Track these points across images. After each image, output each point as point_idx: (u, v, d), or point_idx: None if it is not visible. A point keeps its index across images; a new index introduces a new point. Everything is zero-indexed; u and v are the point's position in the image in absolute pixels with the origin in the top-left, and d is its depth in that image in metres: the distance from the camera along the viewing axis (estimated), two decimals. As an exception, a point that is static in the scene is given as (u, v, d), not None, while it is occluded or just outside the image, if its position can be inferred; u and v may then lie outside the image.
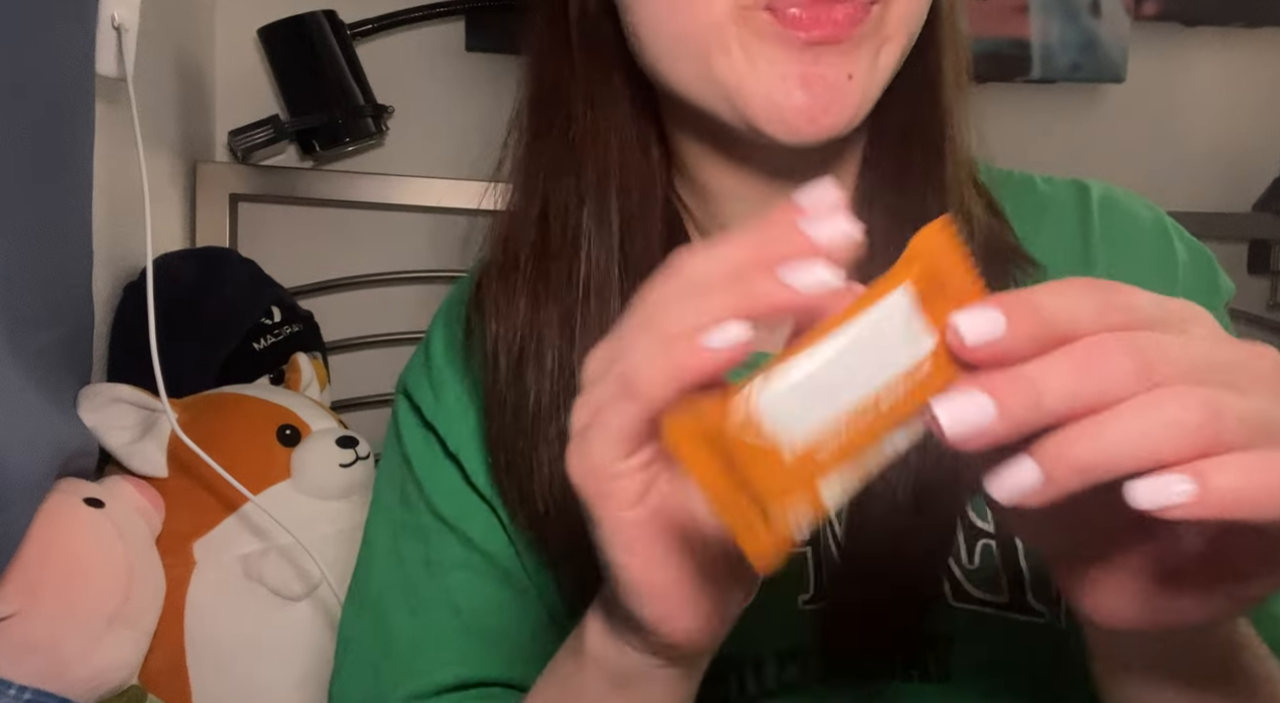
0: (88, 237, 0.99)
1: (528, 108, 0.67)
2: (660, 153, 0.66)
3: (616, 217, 0.64)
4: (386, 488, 0.71)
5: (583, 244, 0.64)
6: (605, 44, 0.63)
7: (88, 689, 0.89)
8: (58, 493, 0.90)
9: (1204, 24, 1.55)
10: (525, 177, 0.67)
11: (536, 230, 0.65)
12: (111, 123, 1.06)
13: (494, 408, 0.65)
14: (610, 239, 0.64)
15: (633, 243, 0.64)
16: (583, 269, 0.63)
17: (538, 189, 0.66)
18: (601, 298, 0.63)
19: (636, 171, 0.65)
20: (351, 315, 1.44)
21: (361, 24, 1.40)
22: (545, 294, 0.64)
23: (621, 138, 0.64)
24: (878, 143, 0.65)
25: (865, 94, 0.57)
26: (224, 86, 1.44)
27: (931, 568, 0.60)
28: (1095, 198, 0.68)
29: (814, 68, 0.55)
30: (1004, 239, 0.65)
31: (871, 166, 0.65)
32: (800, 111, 0.55)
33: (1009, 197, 0.68)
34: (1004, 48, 1.47)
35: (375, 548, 0.70)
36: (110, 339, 1.14)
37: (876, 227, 0.63)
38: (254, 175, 1.39)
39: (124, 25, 1.00)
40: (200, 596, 1.01)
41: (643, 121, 0.65)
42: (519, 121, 0.67)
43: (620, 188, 0.64)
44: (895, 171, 0.64)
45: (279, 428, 1.08)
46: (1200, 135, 1.59)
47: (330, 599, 1.03)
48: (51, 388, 0.92)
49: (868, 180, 0.65)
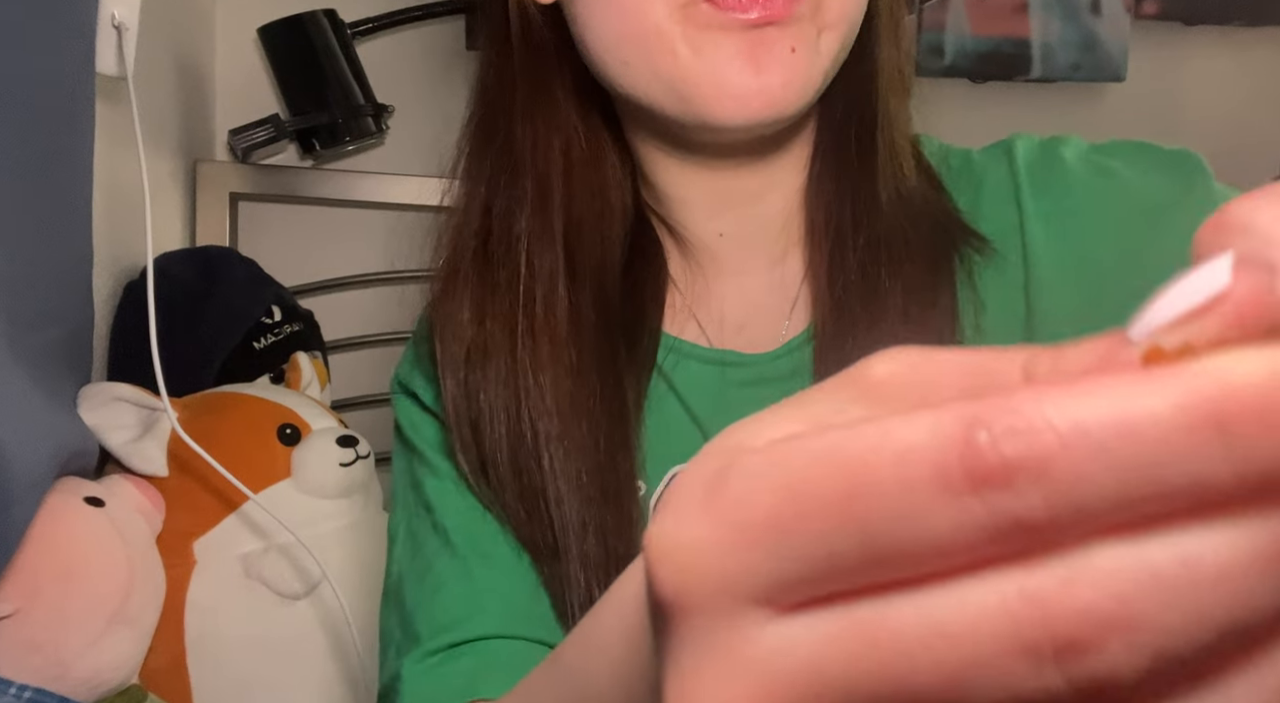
0: (88, 236, 0.99)
1: (473, 117, 0.68)
2: (620, 160, 0.68)
3: (560, 222, 0.65)
4: (399, 482, 0.71)
5: (520, 250, 0.65)
6: (547, 54, 0.65)
7: (88, 689, 0.89)
8: (58, 492, 0.91)
9: (1204, 23, 1.55)
10: (468, 185, 0.68)
11: (477, 239, 0.67)
12: (111, 122, 1.06)
13: (450, 418, 0.65)
14: (554, 249, 0.65)
15: (581, 248, 0.65)
16: (523, 274, 0.64)
17: (479, 197, 0.67)
18: (547, 306, 0.64)
19: (585, 178, 0.66)
20: (351, 315, 1.44)
21: (361, 23, 1.40)
22: (489, 303, 0.65)
23: (567, 145, 0.66)
24: (823, 137, 0.67)
25: (810, 70, 0.58)
26: (224, 86, 1.44)
27: None
28: (1020, 153, 0.67)
29: (760, 46, 0.57)
30: (950, 219, 0.65)
31: (817, 160, 0.67)
32: (752, 91, 0.57)
33: (949, 174, 0.68)
34: (1004, 47, 1.47)
35: (395, 539, 0.70)
36: (110, 339, 1.14)
37: (820, 215, 0.65)
38: (254, 175, 1.39)
39: (124, 25, 1.00)
40: (200, 595, 1.01)
41: (595, 129, 0.67)
42: (464, 131, 0.69)
43: (565, 194, 0.65)
44: (836, 163, 0.65)
45: (279, 427, 1.08)
46: (1200, 135, 1.59)
47: (330, 599, 1.03)
48: (51, 388, 0.92)
49: (814, 173, 0.66)
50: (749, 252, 0.68)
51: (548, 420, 0.63)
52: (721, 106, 0.57)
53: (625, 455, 0.64)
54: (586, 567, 0.62)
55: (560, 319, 0.64)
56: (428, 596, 0.65)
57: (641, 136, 0.66)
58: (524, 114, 0.65)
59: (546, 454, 0.63)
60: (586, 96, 0.65)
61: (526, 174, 0.65)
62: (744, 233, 0.67)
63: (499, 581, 0.65)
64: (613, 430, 0.64)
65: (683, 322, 0.68)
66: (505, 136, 0.66)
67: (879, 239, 0.63)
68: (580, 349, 0.64)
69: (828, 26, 0.59)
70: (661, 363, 0.67)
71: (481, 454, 0.64)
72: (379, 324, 1.43)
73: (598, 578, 0.62)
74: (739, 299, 0.68)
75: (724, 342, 0.67)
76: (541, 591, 0.65)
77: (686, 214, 0.67)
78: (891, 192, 0.64)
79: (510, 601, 0.64)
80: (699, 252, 0.68)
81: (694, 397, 0.66)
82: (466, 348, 0.65)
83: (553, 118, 0.65)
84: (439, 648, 0.63)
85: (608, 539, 0.62)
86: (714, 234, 0.67)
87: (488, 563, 0.65)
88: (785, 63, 0.57)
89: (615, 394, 0.64)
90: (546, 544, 0.63)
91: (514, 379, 0.64)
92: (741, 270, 0.68)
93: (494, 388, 0.64)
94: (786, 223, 0.67)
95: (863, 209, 0.64)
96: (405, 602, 0.66)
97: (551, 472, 0.63)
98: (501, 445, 0.64)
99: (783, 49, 0.57)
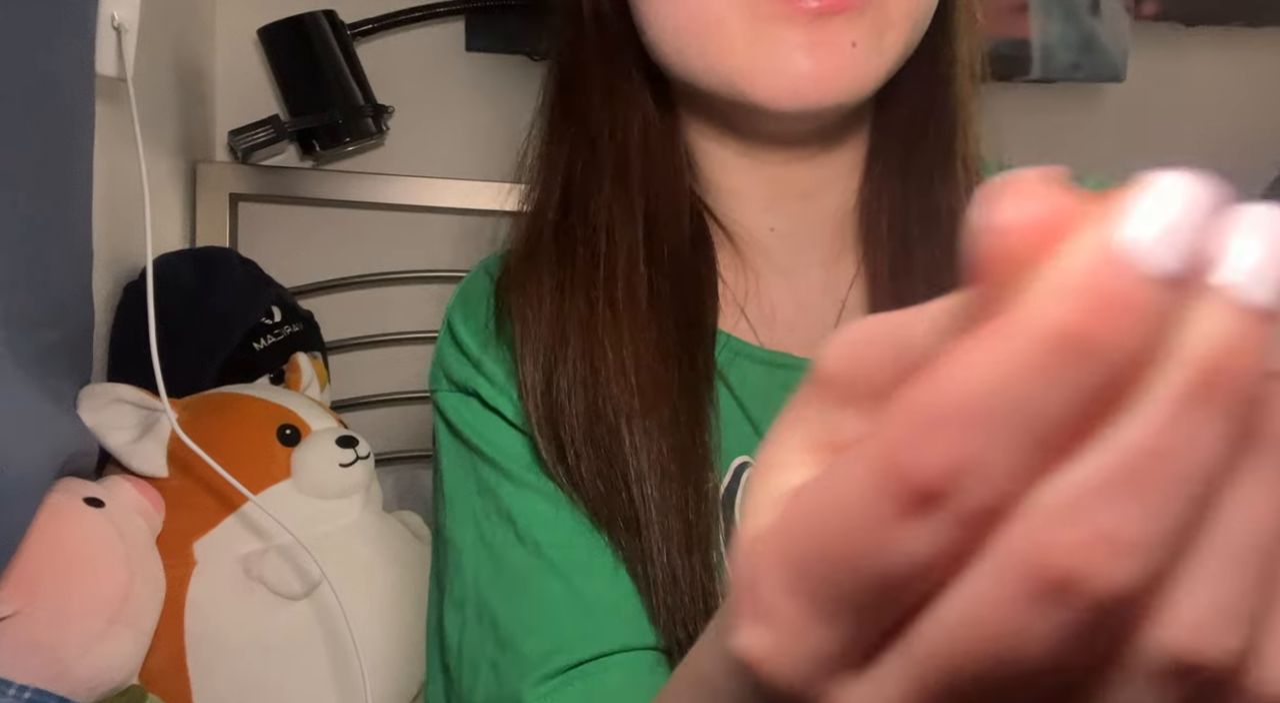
0: (88, 237, 0.99)
1: (549, 105, 0.68)
2: (683, 150, 0.67)
3: (641, 207, 0.65)
4: (458, 486, 0.69)
5: (601, 231, 0.64)
6: (620, 39, 0.64)
7: (87, 689, 0.89)
8: (58, 493, 0.91)
9: (1204, 24, 1.55)
10: (547, 171, 0.68)
11: (558, 215, 0.66)
12: (111, 123, 1.06)
13: (525, 389, 0.65)
14: (635, 229, 0.64)
15: (659, 234, 0.65)
16: (604, 253, 0.64)
17: (558, 181, 0.67)
18: (628, 283, 0.64)
19: (661, 164, 0.66)
20: (351, 315, 1.44)
21: (361, 24, 1.40)
22: (570, 280, 0.65)
23: (645, 124, 0.66)
24: (886, 134, 0.65)
25: (870, 65, 0.58)
26: (224, 86, 1.44)
27: None
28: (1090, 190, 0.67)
29: (820, 35, 0.56)
30: None
31: (877, 158, 0.66)
32: (805, 77, 0.57)
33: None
34: (1004, 48, 1.47)
35: (463, 547, 0.67)
36: (110, 339, 1.14)
37: (883, 219, 0.63)
38: (254, 175, 1.39)
39: (124, 25, 1.00)
40: (200, 595, 1.01)
41: (665, 115, 0.67)
42: (540, 118, 0.68)
43: (644, 174, 0.65)
44: (903, 164, 0.65)
45: (279, 428, 1.08)
46: (1200, 135, 1.59)
47: (330, 599, 1.03)
48: (51, 388, 0.92)
49: (875, 172, 0.65)
50: (801, 249, 0.67)
51: (629, 397, 0.62)
52: (773, 92, 0.57)
53: (703, 433, 0.63)
54: (669, 542, 0.61)
55: (641, 297, 0.64)
56: (528, 613, 0.64)
57: (697, 125, 0.66)
58: (602, 93, 0.65)
59: (627, 430, 0.62)
60: (657, 81, 0.65)
61: (606, 151, 0.65)
62: (796, 229, 0.67)
63: (604, 593, 0.63)
64: (693, 409, 0.63)
65: (734, 317, 0.67)
66: (584, 116, 0.66)
67: (947, 248, 0.63)
68: (661, 327, 0.64)
69: (892, 25, 0.58)
70: (718, 358, 0.66)
71: (558, 431, 0.63)
72: (379, 325, 1.43)
73: (680, 552, 0.61)
74: (789, 298, 0.67)
75: (774, 341, 0.67)
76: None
77: (738, 206, 0.67)
78: (963, 199, 0.63)
79: (620, 612, 0.63)
80: (748, 246, 0.67)
81: (747, 394, 0.66)
82: (547, 321, 0.64)
83: (630, 98, 0.65)
84: (557, 670, 0.62)
85: (688, 515, 0.62)
86: (765, 228, 0.67)
87: (589, 576, 0.64)
88: (844, 54, 0.57)
89: (693, 373, 0.64)
90: (626, 520, 0.62)
91: (593, 355, 0.63)
92: (792, 269, 0.67)
93: (574, 364, 0.63)
94: (842, 223, 0.67)
95: (933, 214, 0.63)
96: (498, 619, 0.64)
97: (633, 448, 0.62)
98: (580, 421, 0.63)
99: (844, 42, 0.57)
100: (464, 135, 1.42)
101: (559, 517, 0.65)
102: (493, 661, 0.64)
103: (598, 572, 0.64)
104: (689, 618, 0.61)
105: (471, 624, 0.66)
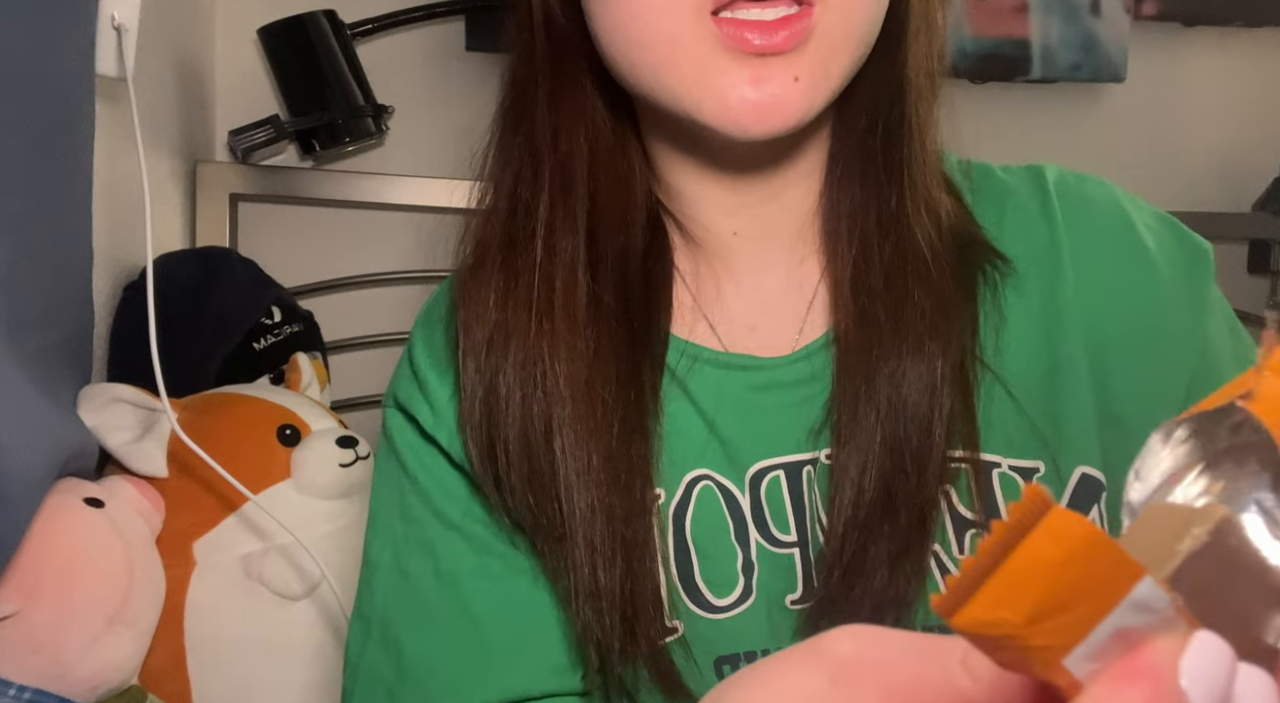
0: (88, 237, 0.99)
1: (501, 110, 0.69)
2: (640, 156, 0.67)
3: (584, 210, 0.65)
4: (385, 505, 0.70)
5: (540, 237, 0.65)
6: (570, 47, 0.65)
7: (87, 689, 0.89)
8: (58, 493, 0.91)
9: (1204, 24, 1.55)
10: (496, 174, 0.68)
11: (503, 226, 0.67)
12: (111, 123, 1.06)
13: (464, 391, 0.65)
14: (575, 238, 0.65)
15: (603, 236, 0.65)
16: (542, 260, 0.64)
17: (506, 185, 0.67)
18: (566, 293, 0.64)
19: (609, 167, 0.66)
20: (351, 315, 1.44)
21: (361, 24, 1.40)
22: (511, 288, 0.65)
23: (592, 134, 0.66)
24: (843, 140, 0.66)
25: (813, 96, 0.58)
26: (224, 86, 1.44)
27: (905, 561, 0.60)
28: (1051, 182, 0.68)
29: (763, 71, 0.57)
30: (973, 234, 0.65)
31: (837, 161, 0.66)
32: (748, 111, 0.58)
33: (971, 188, 0.68)
34: (1004, 48, 1.47)
35: (378, 566, 0.69)
36: (110, 339, 1.14)
37: (843, 222, 0.64)
38: (254, 175, 1.39)
39: (124, 25, 1.00)
40: (200, 595, 1.01)
41: (620, 120, 0.67)
42: (494, 124, 0.69)
43: (590, 183, 0.65)
44: (860, 168, 0.65)
45: (279, 428, 1.08)
46: (1200, 135, 1.59)
47: (330, 599, 1.03)
48: (51, 388, 0.92)
49: (835, 175, 0.66)
50: (764, 252, 0.67)
51: (561, 405, 0.63)
52: (719, 121, 0.58)
53: (639, 442, 0.63)
54: (592, 552, 0.61)
55: (579, 305, 0.64)
56: (435, 650, 0.65)
57: (656, 133, 0.66)
58: (548, 103, 0.65)
59: (558, 438, 0.62)
60: (612, 89, 0.65)
61: (548, 162, 0.65)
62: (760, 233, 0.67)
63: (518, 641, 0.64)
64: (627, 417, 0.63)
65: (692, 322, 0.68)
66: (529, 125, 0.66)
67: (905, 247, 0.63)
68: (598, 335, 0.64)
69: (836, 51, 0.59)
70: (674, 366, 0.66)
71: (492, 435, 0.64)
72: (379, 325, 1.43)
73: (602, 564, 0.61)
74: (752, 300, 0.68)
75: (735, 344, 0.67)
76: (563, 638, 0.65)
77: (701, 211, 0.67)
78: (920, 200, 0.63)
79: (530, 660, 0.64)
80: (712, 250, 0.68)
81: (707, 401, 0.66)
82: (489, 331, 0.65)
83: (578, 107, 0.66)
84: None
85: (615, 525, 0.62)
86: (729, 233, 0.67)
87: (502, 623, 0.64)
88: (788, 88, 0.57)
89: (631, 381, 0.64)
90: (553, 528, 0.63)
91: (531, 363, 0.63)
92: (756, 271, 0.67)
93: (511, 371, 0.64)
94: (804, 225, 0.67)
95: (889, 216, 0.63)
96: (403, 649, 0.66)
97: (562, 455, 0.62)
98: (514, 427, 0.63)
99: (787, 77, 0.57)
100: (464, 135, 1.42)
101: (482, 562, 0.66)
102: (390, 689, 0.66)
103: (514, 618, 0.65)
104: (606, 631, 0.61)
105: (375, 644, 0.67)
